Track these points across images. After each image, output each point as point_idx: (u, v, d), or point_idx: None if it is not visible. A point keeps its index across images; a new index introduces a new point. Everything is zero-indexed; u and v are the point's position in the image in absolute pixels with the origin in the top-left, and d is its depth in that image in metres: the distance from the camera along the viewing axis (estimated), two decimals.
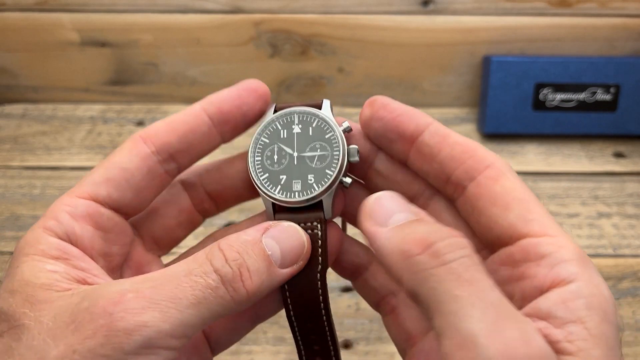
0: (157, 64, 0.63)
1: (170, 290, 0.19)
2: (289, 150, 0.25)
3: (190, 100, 0.65)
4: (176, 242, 0.27)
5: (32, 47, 0.62)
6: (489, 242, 0.22)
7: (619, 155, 0.60)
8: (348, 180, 0.25)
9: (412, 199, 0.24)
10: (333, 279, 0.48)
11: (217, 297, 0.20)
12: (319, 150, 0.24)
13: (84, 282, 0.21)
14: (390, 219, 0.20)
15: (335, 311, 0.45)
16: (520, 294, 0.20)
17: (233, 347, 0.43)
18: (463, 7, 0.59)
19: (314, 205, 0.24)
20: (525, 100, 0.58)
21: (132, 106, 0.64)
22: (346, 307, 0.46)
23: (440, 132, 0.23)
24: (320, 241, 0.24)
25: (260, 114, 0.25)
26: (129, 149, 0.24)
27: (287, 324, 0.31)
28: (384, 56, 0.62)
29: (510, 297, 0.20)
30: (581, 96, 0.58)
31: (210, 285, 0.20)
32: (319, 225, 0.24)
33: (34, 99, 0.65)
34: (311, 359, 0.27)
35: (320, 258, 0.24)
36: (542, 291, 0.19)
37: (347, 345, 0.43)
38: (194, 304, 0.20)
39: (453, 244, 0.19)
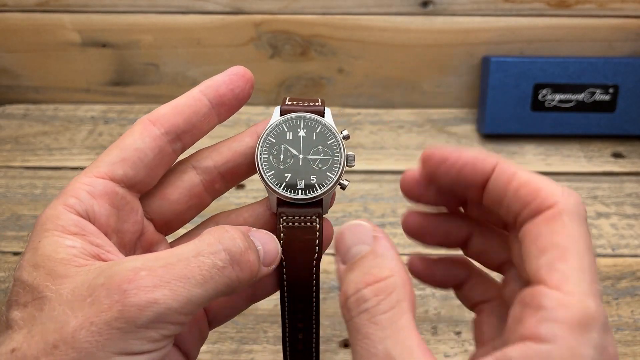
0: (158, 65, 0.63)
1: (180, 269, 0.21)
2: (294, 151, 0.28)
3: None
4: (184, 223, 0.29)
5: (33, 48, 0.62)
6: (524, 278, 0.22)
7: (617, 155, 0.60)
8: (345, 182, 0.28)
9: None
10: (333, 278, 0.48)
11: (224, 276, 0.22)
12: (321, 154, 0.28)
13: (99, 258, 0.23)
14: (348, 254, 0.23)
15: (335, 310, 0.45)
16: (513, 336, 0.20)
17: (234, 346, 0.43)
18: (462, 8, 0.59)
19: (314, 202, 0.28)
20: (524, 101, 0.59)
21: (133, 107, 0.65)
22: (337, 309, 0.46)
23: (505, 174, 0.23)
24: (318, 233, 0.27)
25: (248, 96, 0.28)
26: (140, 131, 0.26)
27: None
28: (384, 57, 0.62)
29: (510, 339, 0.20)
30: (580, 97, 0.59)
31: (217, 265, 0.22)
32: (317, 219, 0.28)
33: (35, 100, 0.65)
34: (294, 335, 0.30)
35: (317, 248, 0.28)
36: (520, 340, 0.19)
37: (347, 344, 0.43)
38: (201, 283, 0.21)
39: (359, 298, 0.21)
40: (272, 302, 0.46)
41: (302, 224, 0.27)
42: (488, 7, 0.59)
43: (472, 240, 0.27)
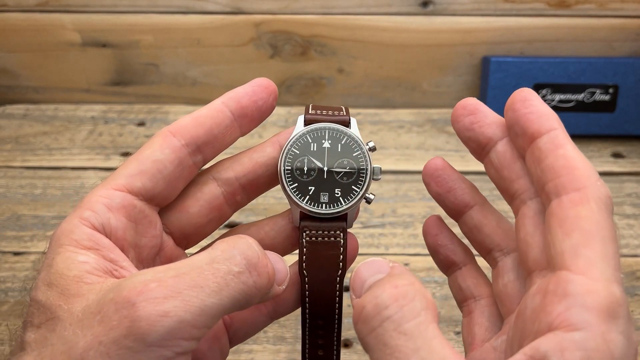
0: (158, 65, 0.63)
1: (192, 278, 0.20)
2: (318, 163, 0.27)
3: (191, 100, 0.65)
4: (204, 236, 0.28)
5: (33, 48, 0.62)
6: (547, 260, 0.21)
7: (617, 155, 0.60)
8: (371, 196, 0.27)
9: (511, 196, 0.25)
10: None
11: (240, 282, 0.21)
12: (347, 166, 0.27)
13: (111, 274, 0.22)
14: (363, 287, 0.22)
15: None
16: (537, 327, 0.19)
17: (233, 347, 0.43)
18: (462, 8, 0.59)
19: (338, 217, 0.27)
20: None
21: (133, 106, 0.65)
22: (346, 307, 0.46)
23: (556, 141, 0.23)
24: (342, 248, 0.26)
25: (271, 108, 0.27)
26: (159, 143, 0.25)
27: (287, 323, 0.32)
28: (384, 57, 0.62)
29: (533, 330, 0.20)
30: (580, 97, 0.59)
31: (232, 270, 0.21)
32: (341, 234, 0.27)
33: (35, 100, 0.65)
34: (314, 352, 0.28)
35: (340, 264, 0.26)
36: (549, 330, 0.19)
37: (347, 344, 0.44)
38: (215, 291, 0.20)
39: (378, 304, 0.20)
40: None
41: (326, 238, 0.26)
42: (488, 7, 0.59)
43: (471, 211, 0.27)
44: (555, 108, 0.59)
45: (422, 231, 0.28)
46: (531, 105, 0.24)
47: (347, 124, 0.28)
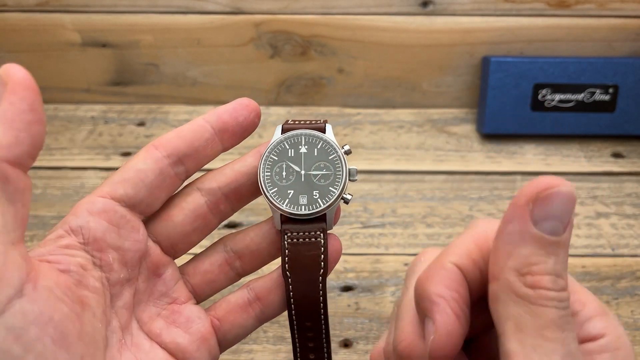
0: (158, 65, 0.63)
1: None
2: (296, 167, 0.28)
3: (191, 100, 0.65)
4: (191, 245, 0.29)
5: (33, 48, 0.62)
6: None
7: (617, 155, 0.60)
8: (348, 197, 0.28)
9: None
10: (333, 278, 0.48)
11: None
12: (323, 169, 0.28)
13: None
14: (546, 222, 0.20)
15: (335, 310, 0.45)
16: None
17: (233, 347, 0.43)
18: (462, 8, 0.59)
19: (318, 218, 0.28)
20: (524, 101, 0.59)
21: (133, 107, 0.65)
22: (346, 307, 0.46)
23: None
24: (322, 248, 0.28)
25: (253, 125, 0.29)
26: (143, 155, 0.27)
27: (287, 323, 0.32)
28: (384, 57, 0.62)
29: None
30: (580, 97, 0.59)
31: None
32: (321, 234, 0.28)
33: None
34: (305, 354, 0.29)
35: (322, 263, 0.28)
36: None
37: (347, 344, 0.44)
38: None
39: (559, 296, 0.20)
40: None
41: (307, 239, 0.28)
42: (488, 7, 0.59)
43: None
44: (555, 108, 0.59)
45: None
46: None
47: (322, 130, 0.29)
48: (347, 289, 0.47)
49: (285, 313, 0.29)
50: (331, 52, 0.62)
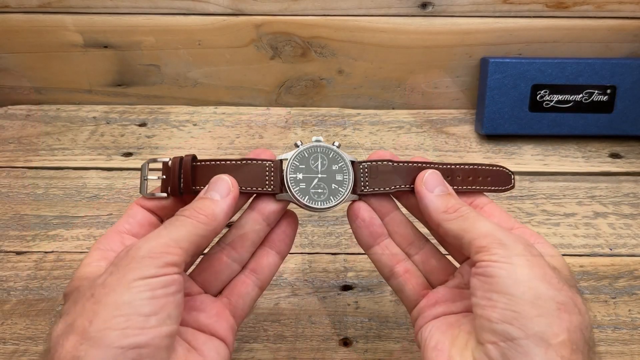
0: (159, 66, 0.63)
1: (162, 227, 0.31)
2: (314, 172, 0.35)
3: (192, 101, 0.66)
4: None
5: (35, 49, 0.62)
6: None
7: (615, 155, 0.60)
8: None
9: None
10: (332, 277, 0.48)
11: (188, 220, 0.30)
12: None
13: None
14: (435, 188, 0.33)
15: (334, 309, 0.46)
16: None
17: (234, 345, 0.43)
18: (461, 10, 0.60)
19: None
20: (523, 101, 0.59)
21: (134, 107, 0.65)
22: (345, 305, 0.46)
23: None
24: None
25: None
26: None
27: (287, 322, 0.33)
28: (383, 58, 0.62)
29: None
30: (578, 97, 0.59)
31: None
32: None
33: (37, 100, 0.65)
34: None
35: None
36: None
37: (347, 343, 0.44)
38: (177, 226, 0.30)
39: (465, 207, 0.32)
40: (272, 301, 0.46)
41: None
42: (486, 9, 0.59)
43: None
44: (553, 109, 0.59)
45: (348, 214, 0.36)
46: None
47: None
48: (346, 288, 0.48)
49: (285, 315, 0.30)
50: (331, 53, 0.62)
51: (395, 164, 0.35)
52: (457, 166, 0.36)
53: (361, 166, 0.35)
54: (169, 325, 0.26)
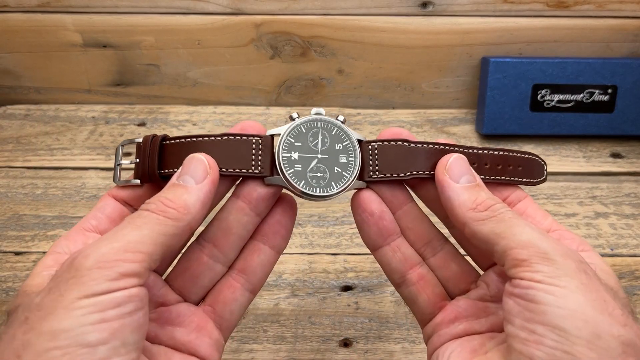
0: (159, 65, 0.63)
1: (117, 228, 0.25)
2: (312, 151, 0.28)
3: (191, 101, 0.65)
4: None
5: (34, 49, 0.62)
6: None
7: (616, 155, 0.60)
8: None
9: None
10: (332, 277, 0.48)
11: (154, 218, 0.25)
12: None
13: None
14: (460, 177, 0.27)
15: (334, 310, 0.46)
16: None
17: (234, 345, 0.43)
18: (461, 9, 0.59)
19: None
20: (523, 101, 0.59)
21: (134, 107, 0.65)
22: (346, 306, 0.46)
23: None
24: None
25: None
26: None
27: (287, 322, 0.32)
28: (383, 58, 0.62)
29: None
30: (578, 97, 0.59)
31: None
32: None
33: (36, 100, 0.65)
34: None
35: None
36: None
37: (347, 343, 0.44)
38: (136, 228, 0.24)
39: (499, 205, 0.26)
40: (272, 302, 0.46)
41: None
42: (487, 8, 0.59)
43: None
44: (554, 108, 0.59)
45: (352, 205, 0.30)
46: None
47: None
48: (346, 288, 0.47)
49: (284, 316, 0.29)
50: (331, 53, 0.62)
51: (412, 144, 0.29)
52: (485, 152, 0.29)
53: (370, 146, 0.29)
54: (123, 355, 0.21)
